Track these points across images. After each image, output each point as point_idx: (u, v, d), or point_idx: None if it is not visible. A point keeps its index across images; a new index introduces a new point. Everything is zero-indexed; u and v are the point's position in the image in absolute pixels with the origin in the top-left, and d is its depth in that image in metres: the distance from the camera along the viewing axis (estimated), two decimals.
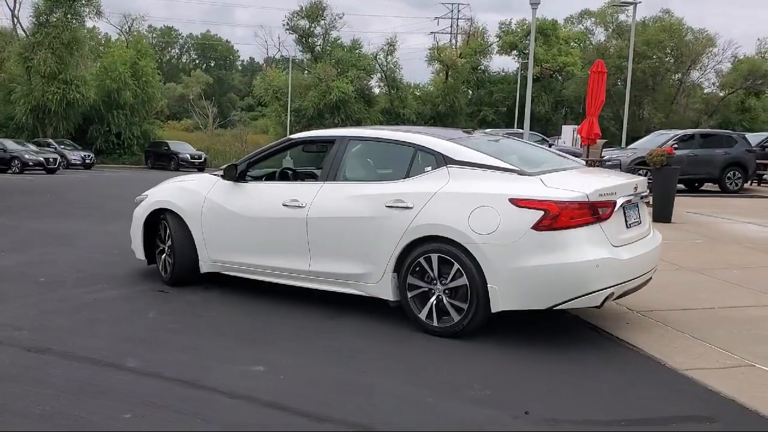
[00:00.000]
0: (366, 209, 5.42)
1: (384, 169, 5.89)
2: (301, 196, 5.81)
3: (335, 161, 5.80)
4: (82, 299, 6.19)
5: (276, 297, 6.26)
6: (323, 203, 5.67)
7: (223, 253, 6.34)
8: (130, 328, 5.35)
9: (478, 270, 4.90)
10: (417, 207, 5.16)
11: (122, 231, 10.44)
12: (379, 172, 5.89)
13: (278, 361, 4.63)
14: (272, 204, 5.96)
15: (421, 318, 5.21)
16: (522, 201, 4.80)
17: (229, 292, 6.45)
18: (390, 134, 5.81)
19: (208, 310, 5.93)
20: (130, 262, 7.78)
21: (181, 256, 6.53)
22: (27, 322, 5.41)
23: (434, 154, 5.36)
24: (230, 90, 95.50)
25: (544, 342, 5.14)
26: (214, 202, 6.34)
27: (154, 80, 45.06)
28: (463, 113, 50.86)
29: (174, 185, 6.89)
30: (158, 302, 6.17)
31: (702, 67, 57.26)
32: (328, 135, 6.22)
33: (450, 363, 4.67)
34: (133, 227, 7.17)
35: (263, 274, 6.12)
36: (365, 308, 5.84)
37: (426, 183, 5.26)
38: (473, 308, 4.95)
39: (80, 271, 7.38)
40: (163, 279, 6.78)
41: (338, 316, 5.75)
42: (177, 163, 38.43)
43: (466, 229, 4.91)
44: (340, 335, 5.25)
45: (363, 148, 5.94)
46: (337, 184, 5.71)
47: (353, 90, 44.96)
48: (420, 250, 5.16)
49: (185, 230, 6.52)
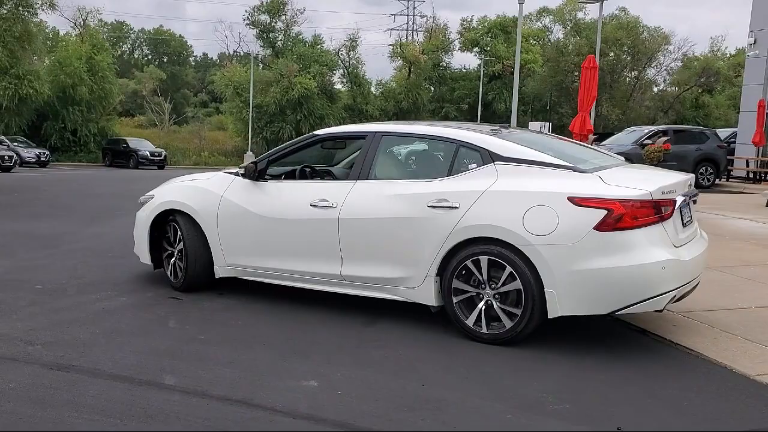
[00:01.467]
0: (405, 209, 5.12)
1: (422, 167, 5.60)
2: (331, 195, 5.47)
3: (367, 158, 5.48)
4: (91, 308, 5.74)
5: (299, 302, 5.91)
6: (356, 203, 5.34)
7: (242, 257, 5.96)
8: (155, 340, 4.95)
9: (534, 273, 4.64)
10: (464, 207, 4.87)
11: (109, 232, 9.98)
12: (417, 170, 5.61)
13: (330, 374, 4.30)
14: (299, 204, 5.61)
15: (467, 324, 4.93)
16: (583, 200, 4.55)
17: (247, 298, 6.07)
18: (428, 130, 5.50)
19: (232, 318, 5.55)
20: (129, 266, 7.34)
21: (194, 260, 6.12)
22: (39, 336, 4.96)
23: (479, 151, 5.08)
24: (184, 86, 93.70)
25: (599, 348, 4.91)
26: (231, 202, 5.95)
27: (111, 76, 43.77)
28: (425, 110, 50.74)
29: (184, 185, 6.46)
30: (175, 310, 5.76)
31: (657, 65, 58.24)
32: (358, 131, 5.89)
33: (512, 373, 4.40)
34: (137, 229, 6.72)
35: (287, 278, 5.77)
36: (399, 314, 5.55)
37: (472, 181, 4.97)
38: (528, 314, 4.69)
39: (78, 277, 6.90)
40: (173, 284, 6.36)
41: (373, 322, 5.43)
42: (136, 161, 37.38)
43: (521, 230, 4.65)
44: (386, 343, 4.93)
45: (397, 144, 5.64)
46: (371, 182, 5.39)
47: (316, 86, 44.37)
48: (467, 253, 4.87)
49: (199, 233, 6.12)
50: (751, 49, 24.38)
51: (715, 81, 56.67)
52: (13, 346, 4.73)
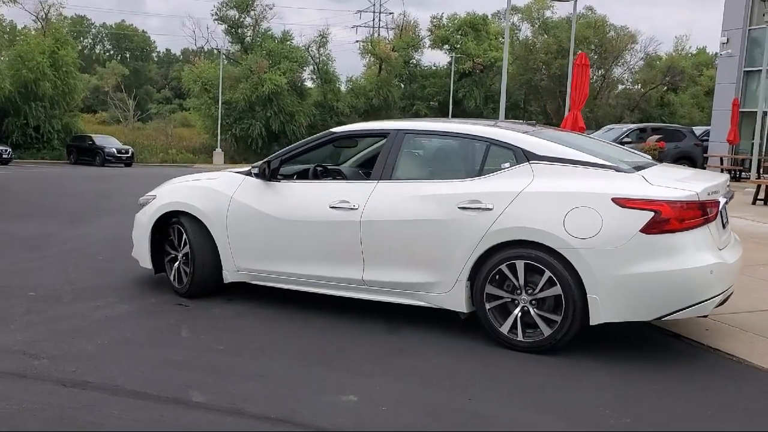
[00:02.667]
0: (434, 211, 4.87)
1: (449, 167, 5.35)
2: (352, 196, 5.20)
3: (390, 157, 5.21)
4: (92, 317, 5.39)
5: (310, 309, 5.63)
6: (379, 205, 5.08)
7: (254, 261, 5.65)
8: (169, 351, 4.63)
9: (576, 278, 4.43)
10: (498, 208, 4.65)
11: (94, 233, 9.55)
12: (443, 169, 5.35)
13: (366, 387, 4.04)
14: (316, 206, 5.33)
15: (501, 332, 4.70)
16: (629, 201, 4.35)
17: (256, 304, 5.77)
18: (455, 127, 5.26)
19: (246, 325, 5.24)
20: (123, 270, 6.98)
21: (201, 264, 5.80)
22: (42, 348, 4.61)
23: (513, 149, 4.85)
24: (147, 82, 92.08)
25: (638, 354, 4.73)
26: (242, 203, 5.64)
27: (75, 71, 42.60)
28: (396, 107, 50.50)
29: (189, 185, 6.11)
30: (183, 317, 5.43)
31: (624, 63, 58.90)
32: (379, 128, 5.62)
33: (557, 383, 4.18)
34: (136, 232, 6.36)
35: (303, 283, 5.48)
36: (422, 320, 5.31)
37: (506, 181, 4.74)
38: (569, 321, 4.48)
39: (72, 282, 6.51)
40: (177, 290, 6.02)
41: (399, 329, 5.18)
42: (103, 159, 36.38)
43: (562, 232, 4.44)
44: (415, 352, 4.68)
45: (422, 142, 5.38)
46: (395, 183, 5.13)
47: (286, 82, 43.78)
48: (501, 256, 4.65)
49: (206, 235, 5.80)
50: (724, 48, 24.64)
51: (680, 80, 57.50)
52: (18, 361, 4.37)
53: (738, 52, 24.16)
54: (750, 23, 24.16)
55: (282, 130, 44.99)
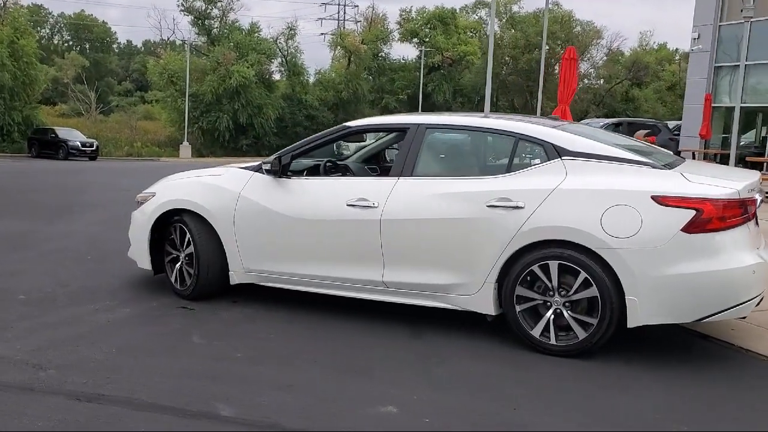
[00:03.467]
0: (460, 210, 4.66)
1: (475, 163, 5.15)
2: (371, 194, 4.97)
3: (411, 153, 4.99)
4: (93, 322, 5.08)
5: (322, 311, 5.39)
6: (401, 202, 4.86)
7: (264, 262, 5.39)
8: (184, 359, 4.35)
9: (614, 279, 4.27)
10: (530, 207, 4.46)
11: (78, 231, 9.13)
12: (469, 166, 5.15)
13: (404, 398, 3.82)
14: (333, 204, 5.09)
15: (533, 335, 4.52)
16: (670, 199, 4.20)
17: (264, 307, 5.51)
18: (480, 122, 5.04)
19: (259, 330, 4.98)
20: (116, 270, 6.66)
21: (206, 265, 5.51)
22: (47, 358, 4.29)
23: (543, 145, 4.66)
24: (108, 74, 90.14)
25: (671, 357, 4.60)
26: (251, 201, 5.37)
27: (35, 61, 41.36)
28: (366, 100, 50.19)
29: (192, 181, 5.80)
30: (191, 322, 5.15)
31: (590, 58, 59.39)
32: (398, 122, 5.37)
33: (602, 390, 4.01)
34: (133, 231, 6.03)
35: (318, 285, 5.24)
36: (443, 323, 5.12)
37: (538, 178, 4.56)
38: (605, 324, 4.31)
39: (64, 284, 6.16)
40: (178, 292, 5.73)
41: (421, 333, 4.97)
42: (66, 152, 35.35)
43: (599, 231, 4.27)
44: (446, 358, 4.47)
45: (445, 137, 5.17)
46: (416, 180, 4.91)
47: (254, 75, 43.13)
48: (533, 257, 4.47)
49: (212, 235, 5.51)
50: (695, 43, 24.86)
51: (644, 75, 58.22)
52: (22, 372, 4.06)
53: (709, 48, 24.38)
54: (721, 19, 24.41)
55: (250, 123, 44.36)
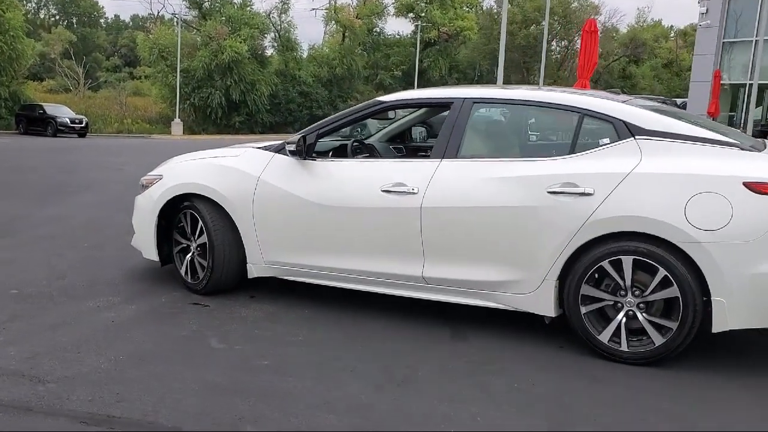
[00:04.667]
0: (516, 196, 4.09)
1: (531, 143, 4.57)
2: (409, 178, 4.39)
3: (455, 132, 4.40)
4: (96, 321, 4.50)
5: (350, 308, 4.85)
6: (444, 188, 4.28)
7: (287, 253, 4.81)
8: (205, 369, 3.78)
9: (698, 277, 3.72)
10: (600, 193, 3.89)
11: (71, 215, 8.50)
12: (525, 146, 4.56)
13: (467, 418, 3.27)
14: (365, 189, 4.50)
15: (600, 340, 3.98)
16: (766, 186, 3.64)
17: (286, 303, 4.96)
18: (537, 95, 4.43)
19: (287, 331, 4.41)
20: (118, 260, 6.08)
21: (221, 256, 4.93)
22: (44, 367, 3.72)
23: (612, 122, 4.08)
24: (95, 49, 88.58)
25: (759, 364, 4.07)
26: (272, 186, 4.78)
27: (22, 35, 40.25)
28: (360, 76, 49.30)
29: (204, 163, 5.19)
30: (207, 322, 4.57)
31: None
32: (440, 97, 4.76)
33: (701, 405, 3.47)
34: (138, 218, 5.44)
35: (348, 280, 4.67)
36: (485, 322, 4.57)
37: (608, 161, 3.98)
38: (687, 328, 3.77)
39: (60, 276, 5.57)
40: (190, 286, 5.15)
41: (465, 335, 4.42)
42: (55, 129, 34.46)
43: (682, 223, 3.71)
44: (501, 366, 3.92)
45: (495, 114, 4.58)
46: (463, 162, 4.32)
47: (247, 50, 42.15)
48: (603, 251, 3.91)
49: (228, 223, 4.94)
50: (703, 18, 24.26)
51: (642, 52, 57.60)
52: (18, 386, 3.49)
53: (717, 23, 23.79)
54: None
55: (243, 99, 43.45)
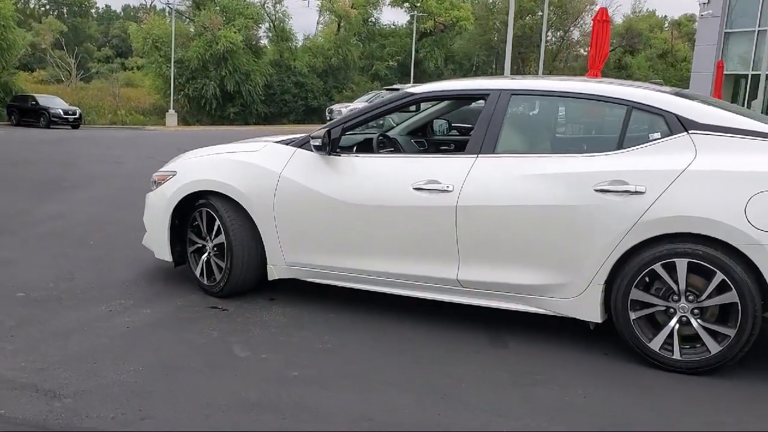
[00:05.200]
0: (560, 195, 3.84)
1: (576, 137, 4.32)
2: (443, 175, 4.14)
3: (492, 125, 4.15)
4: (112, 328, 4.23)
5: (383, 310, 4.61)
6: (481, 186, 4.03)
7: (310, 255, 4.56)
8: (234, 382, 3.53)
9: (759, 282, 3.49)
10: (653, 192, 3.65)
11: (73, 211, 8.20)
12: (569, 140, 4.32)
13: (513, 429, 3.04)
14: (396, 187, 4.25)
15: (650, 348, 3.74)
16: None
17: (311, 306, 4.71)
18: (580, 87, 4.15)
19: (315, 338, 4.15)
20: (127, 260, 5.82)
21: (241, 257, 4.68)
22: (60, 380, 3.46)
23: (663, 115, 3.83)
24: (87, 40, 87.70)
25: None
26: (295, 183, 4.52)
27: (13, 25, 39.67)
28: (356, 67, 48.93)
29: (221, 158, 4.92)
30: (228, 327, 4.31)
31: (583, 25, 58.40)
32: (476, 88, 4.49)
33: (758, 420, 3.26)
34: (150, 215, 5.17)
35: (377, 282, 4.42)
36: (524, 325, 4.33)
37: (659, 157, 3.74)
38: (745, 335, 3.54)
39: (67, 277, 5.30)
40: (206, 288, 4.90)
41: (503, 340, 4.18)
42: (48, 120, 33.99)
43: (743, 224, 3.47)
44: (549, 377, 3.67)
45: (535, 106, 4.32)
46: (501, 158, 4.07)
47: (242, 40, 41.74)
48: (655, 253, 3.67)
49: (247, 222, 4.68)
50: (704, 9, 24.03)
51: (638, 42, 57.38)
52: (32, 401, 3.23)
53: (719, 12, 23.57)
54: None
55: (237, 90, 43.08)
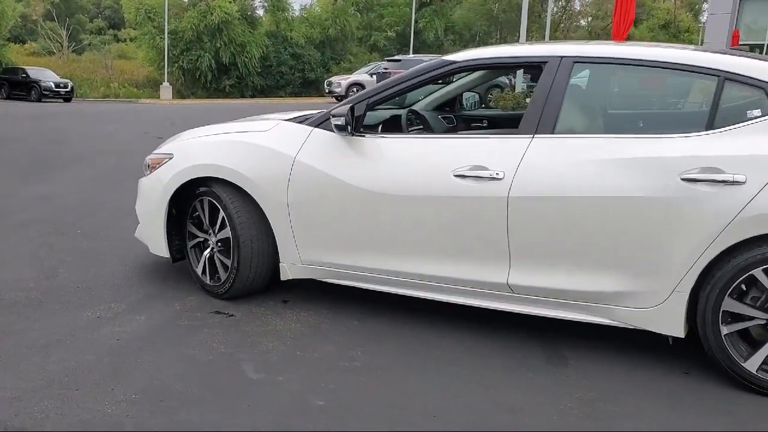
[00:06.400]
0: (638, 185, 3.18)
1: (656, 114, 3.64)
2: (491, 160, 3.46)
3: (551, 100, 3.46)
4: (99, 341, 3.59)
5: (408, 314, 3.97)
6: (540, 173, 3.36)
7: (331, 252, 3.90)
8: (248, 415, 2.89)
9: None
10: (754, 182, 2.99)
11: (59, 193, 7.49)
12: (645, 119, 3.64)
13: None
14: (432, 173, 3.58)
15: (746, 368, 3.11)
16: None
17: (332, 311, 4.07)
18: (658, 53, 3.43)
19: (340, 353, 3.51)
20: (118, 252, 5.18)
21: (249, 254, 4.02)
22: (33, 413, 2.82)
23: (764, 88, 3.17)
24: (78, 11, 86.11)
25: None
26: (313, 168, 3.84)
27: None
28: (354, 38, 47.79)
29: (226, 139, 4.22)
30: (237, 340, 3.66)
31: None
32: (530, 55, 3.77)
33: None
34: (143, 204, 4.50)
35: (410, 286, 3.76)
36: (581, 336, 3.70)
37: (761, 139, 3.07)
38: None
39: (49, 274, 4.64)
40: (208, 288, 4.25)
41: (562, 357, 3.54)
42: (39, 93, 33.17)
43: None
44: (622, 406, 3.04)
45: (603, 76, 3.63)
46: (563, 139, 3.39)
47: (237, 10, 40.61)
48: (754, 256, 3.02)
49: (256, 213, 4.01)
50: None
51: (641, 12, 56.27)
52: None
53: None
54: None
55: (233, 62, 42.01)
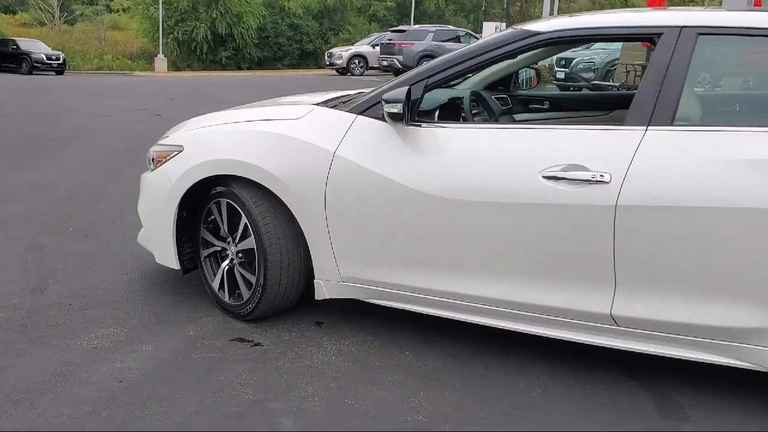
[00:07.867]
0: None
1: None
2: (591, 158, 2.73)
3: (670, 82, 2.71)
4: (97, 382, 2.88)
5: (473, 344, 3.28)
6: (657, 175, 2.63)
7: (378, 268, 3.17)
8: None
9: None
10: None
11: (53, 181, 6.68)
12: None
13: None
14: (513, 174, 2.84)
15: None
16: None
17: (380, 336, 3.37)
18: None
19: (398, 400, 2.81)
20: (117, 253, 4.46)
21: (278, 268, 3.30)
22: None
23: None
24: None
25: None
26: (357, 166, 3.09)
27: None
28: (353, 8, 46.59)
29: (246, 129, 3.45)
30: (268, 380, 2.95)
31: None
32: (637, 23, 2.97)
33: None
34: (146, 206, 3.75)
35: (479, 312, 3.04)
36: (695, 379, 3.00)
37: None
38: None
39: (38, 286, 3.92)
40: (227, 308, 3.54)
41: (678, 406, 2.84)
42: (30, 65, 32.24)
43: None
44: None
45: (736, 53, 2.89)
46: (687, 133, 2.65)
47: None
48: None
49: (286, 219, 3.28)
50: None
51: None
52: None
53: None
54: None
55: (229, 33, 41.02)
